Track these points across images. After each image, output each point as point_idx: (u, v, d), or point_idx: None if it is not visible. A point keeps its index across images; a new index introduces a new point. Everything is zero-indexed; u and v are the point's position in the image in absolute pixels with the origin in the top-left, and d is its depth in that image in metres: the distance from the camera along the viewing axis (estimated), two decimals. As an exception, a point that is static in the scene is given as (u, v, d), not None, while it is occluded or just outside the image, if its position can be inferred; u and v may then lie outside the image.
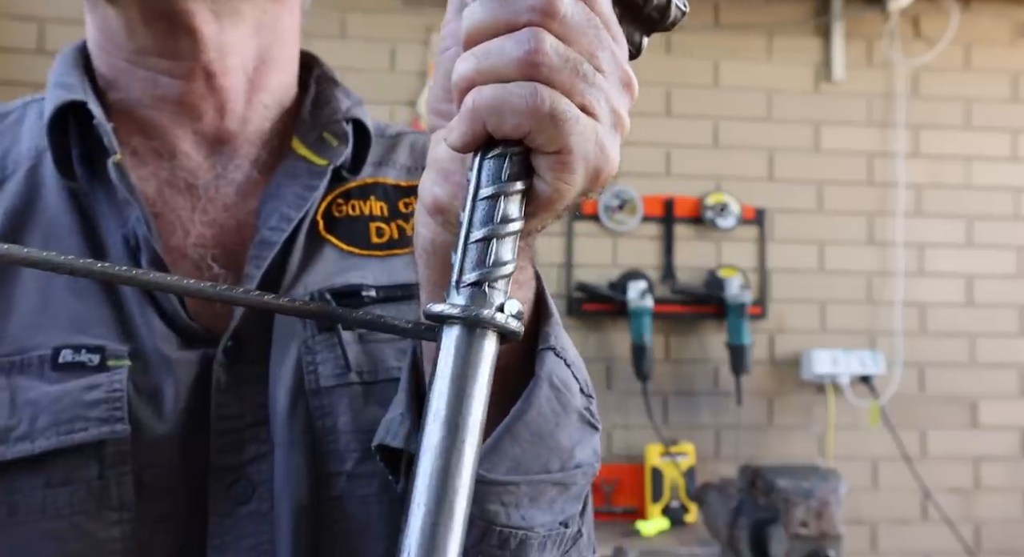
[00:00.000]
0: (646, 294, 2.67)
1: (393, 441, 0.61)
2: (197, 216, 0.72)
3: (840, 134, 2.89)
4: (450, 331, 0.43)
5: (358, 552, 0.66)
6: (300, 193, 0.73)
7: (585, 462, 0.61)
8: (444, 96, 0.51)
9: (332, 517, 0.66)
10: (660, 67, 2.84)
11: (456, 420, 0.41)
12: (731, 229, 2.81)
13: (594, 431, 0.63)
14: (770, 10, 2.88)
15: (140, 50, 0.71)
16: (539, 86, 0.44)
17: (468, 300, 0.43)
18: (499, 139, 0.45)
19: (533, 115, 0.44)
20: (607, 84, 0.46)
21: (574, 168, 0.46)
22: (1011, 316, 2.91)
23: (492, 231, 0.44)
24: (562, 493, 0.60)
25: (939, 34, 2.87)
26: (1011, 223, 2.93)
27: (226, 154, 0.74)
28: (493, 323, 0.43)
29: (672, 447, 2.66)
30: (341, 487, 0.67)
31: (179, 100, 0.72)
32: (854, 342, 2.82)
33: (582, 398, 0.62)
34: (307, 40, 0.78)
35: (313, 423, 0.67)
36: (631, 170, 2.81)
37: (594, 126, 0.46)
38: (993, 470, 2.86)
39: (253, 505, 0.66)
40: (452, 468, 0.40)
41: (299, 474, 0.66)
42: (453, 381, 0.42)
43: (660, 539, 2.49)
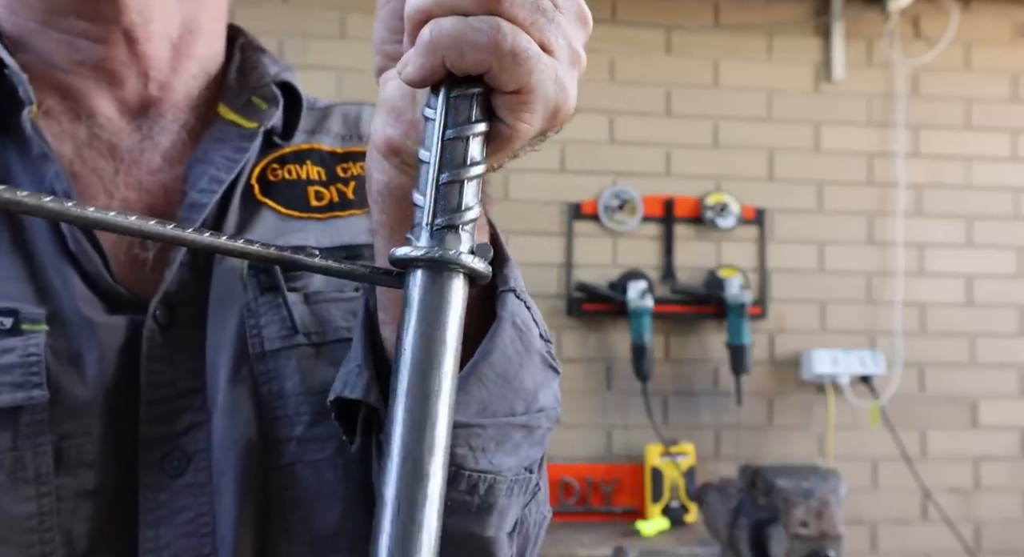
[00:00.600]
0: (646, 294, 2.67)
1: (352, 393, 0.59)
2: (120, 179, 0.68)
3: (840, 134, 2.89)
4: (417, 274, 0.42)
5: (312, 518, 0.64)
6: (230, 156, 0.70)
7: (548, 406, 0.61)
8: (391, 36, 0.50)
9: (282, 484, 0.64)
10: (660, 67, 2.84)
11: (430, 365, 0.40)
12: (731, 229, 2.81)
13: (555, 374, 0.63)
14: (770, 10, 2.88)
15: (55, 10, 0.67)
16: (501, 21, 0.43)
17: (436, 242, 0.42)
18: (458, 75, 0.44)
19: (494, 51, 0.43)
20: (564, 19, 0.45)
21: (534, 108, 0.45)
22: (1011, 316, 2.91)
23: (459, 173, 0.44)
24: (527, 437, 0.59)
25: (939, 34, 2.87)
26: (1011, 223, 2.93)
27: (151, 118, 0.71)
28: (463, 264, 0.42)
29: (672, 447, 2.66)
30: (291, 453, 0.64)
31: (98, 65, 0.68)
32: (854, 342, 2.82)
33: (542, 342, 0.62)
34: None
35: (258, 389, 0.64)
36: (631, 170, 2.81)
37: (554, 64, 0.45)
38: (993, 470, 2.86)
39: (189, 477, 0.63)
40: (429, 415, 0.39)
41: (242, 442, 0.63)
42: (425, 326, 0.41)
43: (660, 539, 2.49)
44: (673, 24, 2.85)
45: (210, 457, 0.63)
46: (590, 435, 2.74)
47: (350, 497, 0.64)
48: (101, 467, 0.62)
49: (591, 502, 2.68)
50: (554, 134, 0.49)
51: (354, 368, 0.60)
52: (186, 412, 0.64)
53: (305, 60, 2.65)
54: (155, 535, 0.62)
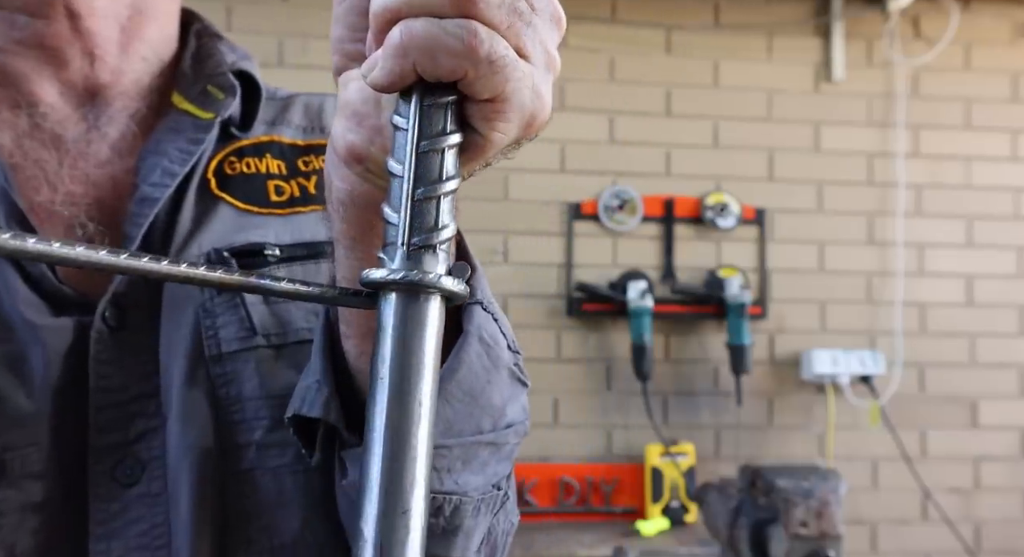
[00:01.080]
0: (646, 294, 2.67)
1: (310, 411, 0.56)
2: (65, 171, 0.64)
3: (840, 134, 2.89)
4: (392, 298, 0.40)
5: (272, 527, 0.61)
6: (184, 147, 0.66)
7: (516, 420, 0.59)
8: (351, 34, 0.46)
9: (241, 492, 0.61)
10: (660, 67, 2.84)
11: (409, 394, 0.38)
12: (731, 229, 2.81)
13: (523, 387, 0.61)
14: (770, 10, 2.88)
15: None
16: (477, 25, 0.40)
17: (413, 264, 0.40)
18: (429, 81, 0.41)
19: (470, 57, 0.40)
20: (540, 22, 0.43)
21: (510, 117, 0.42)
22: (1011, 316, 2.91)
23: (435, 189, 0.41)
24: (494, 453, 0.57)
25: (939, 34, 2.87)
26: (1011, 223, 2.93)
27: (99, 106, 0.67)
28: (442, 287, 0.40)
29: (672, 447, 2.66)
30: (250, 459, 0.61)
31: (40, 43, 0.64)
32: (854, 342, 2.82)
33: (510, 354, 0.59)
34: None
35: (215, 392, 0.61)
36: (631, 170, 2.81)
37: (531, 70, 0.42)
38: (993, 470, 2.86)
39: (143, 486, 0.60)
40: (409, 446, 0.38)
41: (198, 448, 0.60)
42: (402, 352, 0.39)
43: (660, 539, 2.49)
44: (673, 24, 2.85)
45: (165, 465, 0.60)
46: (590, 435, 2.74)
47: (310, 505, 0.62)
48: (48, 478, 0.58)
49: (591, 502, 2.68)
50: (527, 142, 0.47)
51: (313, 383, 0.57)
52: (139, 417, 0.61)
53: (305, 60, 2.65)
54: (106, 548, 0.59)
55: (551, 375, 2.74)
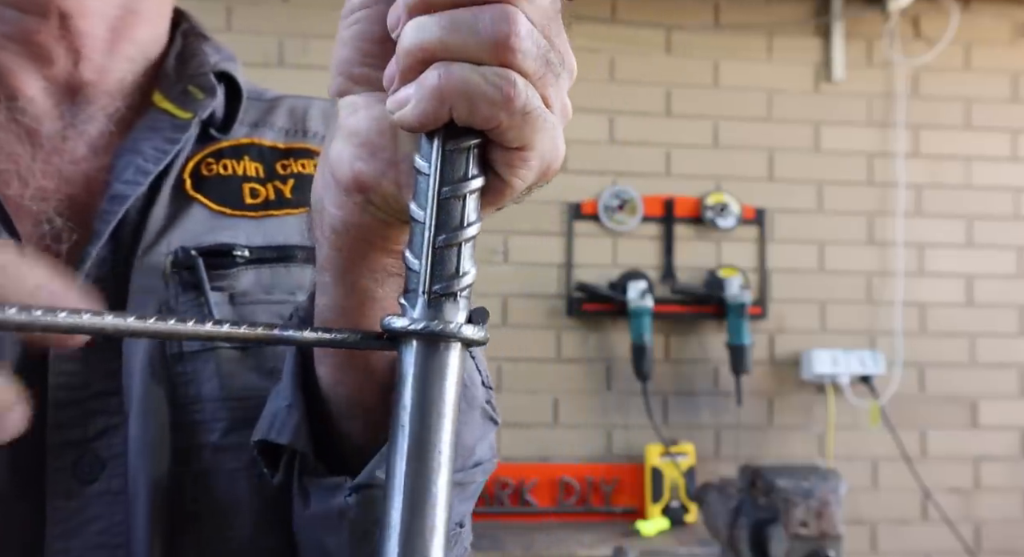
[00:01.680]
0: (646, 294, 2.67)
1: (279, 437, 0.55)
2: (38, 166, 0.64)
3: (840, 134, 2.89)
4: (413, 346, 0.40)
5: (224, 530, 0.61)
6: (160, 146, 0.66)
7: (484, 459, 0.59)
8: (360, 58, 0.45)
9: (196, 493, 0.61)
10: (660, 67, 2.84)
11: (429, 443, 0.39)
12: (731, 229, 2.81)
13: (493, 425, 0.60)
14: (770, 10, 2.88)
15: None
16: (516, 76, 0.40)
17: (434, 312, 0.40)
18: (460, 124, 0.40)
19: (506, 108, 0.40)
20: (564, 74, 0.43)
21: (532, 165, 0.43)
22: (1011, 316, 2.91)
23: (456, 236, 0.41)
24: (460, 493, 0.57)
25: (939, 34, 2.87)
26: (1011, 223, 2.93)
27: (79, 104, 0.67)
28: (462, 336, 0.40)
29: (672, 447, 2.66)
30: (206, 460, 0.61)
31: (26, 39, 0.64)
32: (854, 342, 2.82)
33: (484, 391, 0.59)
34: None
35: (175, 391, 0.61)
36: (631, 170, 2.81)
37: (554, 121, 0.43)
38: (993, 470, 2.86)
39: (103, 484, 0.59)
40: (430, 496, 0.38)
41: (157, 447, 0.60)
42: (423, 401, 0.39)
43: (660, 539, 2.49)
44: (673, 24, 2.85)
45: (126, 463, 0.60)
46: (590, 435, 2.74)
47: (264, 510, 0.61)
48: (4, 476, 0.58)
49: (591, 502, 2.68)
50: (538, 188, 0.47)
51: (283, 409, 0.56)
52: (100, 414, 0.60)
53: (305, 60, 2.65)
54: (65, 547, 0.58)
55: (551, 375, 2.74)
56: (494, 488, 2.65)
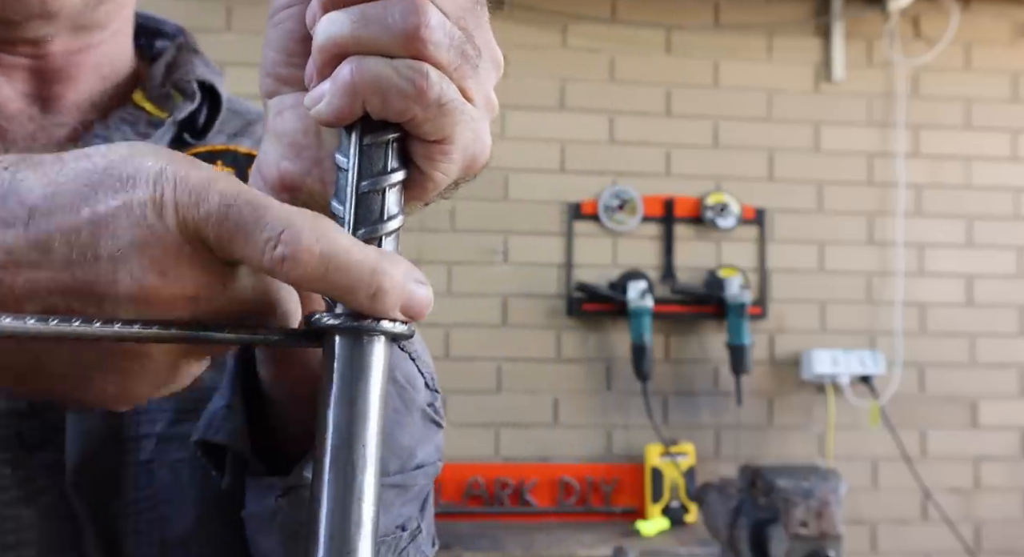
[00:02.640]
0: (646, 294, 2.67)
1: (216, 436, 0.55)
2: None
3: (840, 134, 2.89)
4: (339, 341, 0.39)
5: (164, 520, 0.61)
6: (129, 137, 0.67)
7: (427, 461, 0.59)
8: (285, 58, 0.45)
9: (137, 482, 0.61)
10: (660, 67, 2.84)
11: (353, 438, 0.38)
12: (731, 229, 2.81)
13: (437, 428, 0.60)
14: (770, 10, 2.88)
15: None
16: (429, 68, 0.40)
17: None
18: (376, 118, 0.41)
19: (420, 100, 0.40)
20: (483, 65, 0.43)
21: (453, 158, 0.43)
22: (1011, 316, 2.91)
23: (377, 230, 0.41)
24: (401, 495, 0.57)
25: (939, 34, 2.87)
26: (1011, 223, 2.93)
27: (49, 112, 0.68)
28: (385, 330, 0.39)
29: (672, 447, 2.66)
30: (150, 450, 0.61)
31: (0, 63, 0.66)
32: (854, 342, 2.82)
33: (427, 393, 0.59)
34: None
35: None
36: (631, 170, 2.81)
37: (474, 113, 0.42)
38: (993, 470, 2.86)
39: (49, 454, 0.60)
40: (355, 490, 0.38)
41: (95, 433, 0.60)
42: (347, 396, 0.39)
43: (660, 539, 2.49)
44: (673, 24, 2.85)
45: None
46: (590, 435, 2.74)
47: (206, 502, 0.62)
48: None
49: (591, 502, 2.68)
50: (465, 183, 0.47)
51: (221, 409, 0.56)
52: None
53: (305, 60, 2.65)
54: (15, 515, 0.59)
55: (551, 375, 2.74)
56: (494, 488, 2.65)
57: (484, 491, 2.64)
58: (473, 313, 2.72)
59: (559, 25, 2.80)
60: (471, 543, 2.37)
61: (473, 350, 2.71)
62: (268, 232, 0.36)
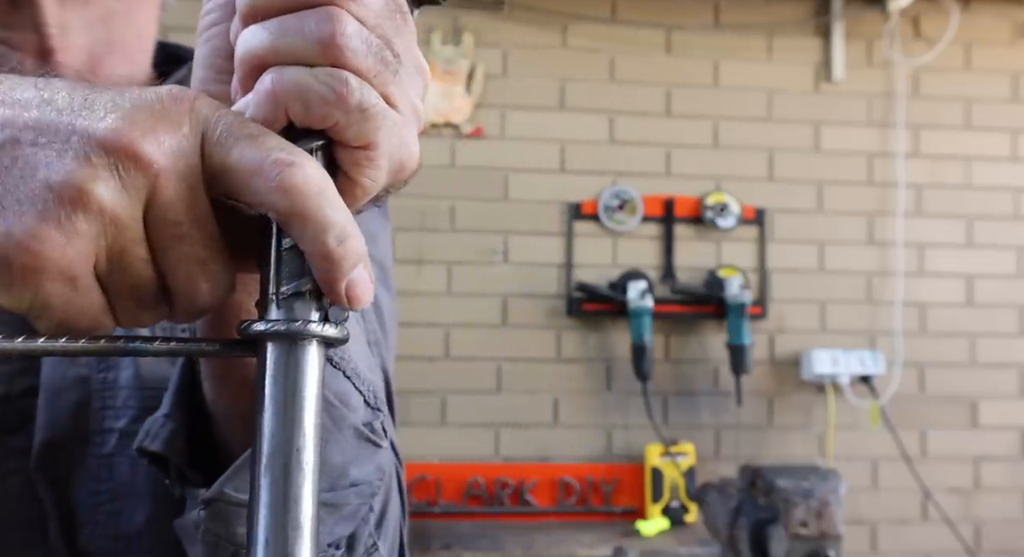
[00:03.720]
0: (646, 294, 2.67)
1: (152, 444, 0.56)
2: None
3: (840, 134, 2.89)
4: (271, 347, 0.40)
5: (120, 514, 0.63)
6: None
7: (362, 480, 0.58)
8: (215, 76, 0.46)
9: (98, 475, 0.63)
10: (660, 67, 2.84)
11: (289, 445, 0.38)
12: (731, 229, 2.81)
13: (375, 448, 0.59)
14: (770, 10, 2.88)
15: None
16: (348, 74, 0.40)
17: (287, 313, 0.40)
18: (299, 127, 0.41)
19: (341, 106, 0.40)
20: (405, 72, 0.44)
21: (380, 164, 0.43)
22: (1011, 316, 2.91)
23: None
24: (332, 513, 0.56)
25: (939, 34, 2.87)
26: (1011, 223, 2.93)
27: None
28: (318, 334, 0.40)
29: (672, 447, 2.66)
30: (112, 445, 0.63)
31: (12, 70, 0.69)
32: (854, 342, 2.82)
33: (366, 412, 0.59)
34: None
35: (93, 375, 0.63)
36: (631, 170, 2.81)
37: (399, 119, 0.43)
38: (993, 470, 2.86)
39: (22, 439, 0.62)
40: (291, 497, 0.38)
41: (60, 425, 0.62)
42: (280, 403, 0.39)
43: (660, 539, 2.49)
44: (673, 24, 2.85)
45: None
46: (590, 435, 2.74)
47: (161, 501, 0.62)
48: None
49: (591, 502, 2.68)
50: (396, 191, 0.47)
51: (160, 418, 0.57)
52: (24, 376, 0.63)
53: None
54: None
55: (551, 375, 2.74)
56: (494, 488, 2.65)
57: (484, 491, 2.64)
58: (473, 313, 2.72)
59: (559, 25, 2.80)
60: (471, 543, 2.37)
61: (473, 350, 2.71)
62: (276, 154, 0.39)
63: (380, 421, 0.60)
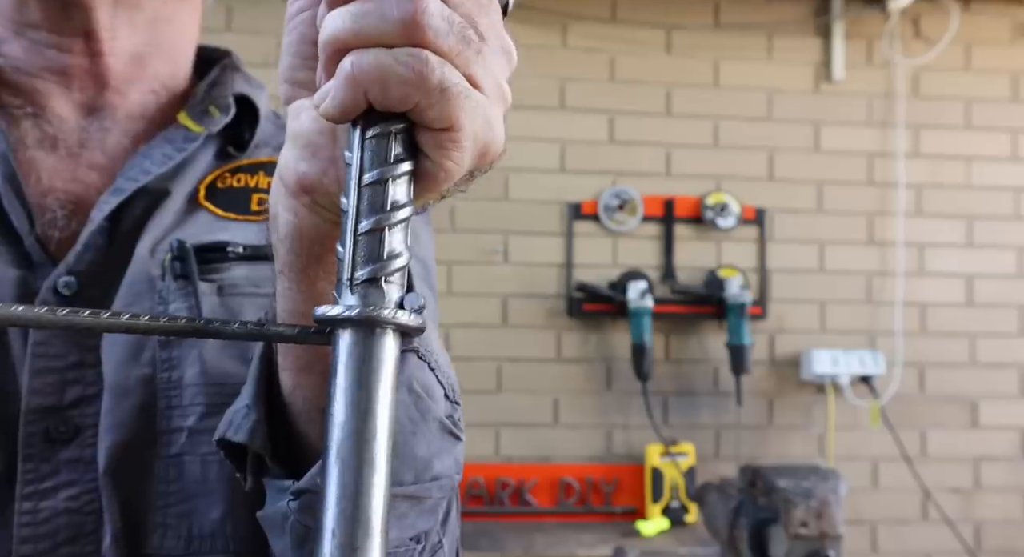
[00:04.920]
0: (646, 294, 2.67)
1: (235, 436, 0.56)
2: (57, 167, 0.70)
3: (840, 134, 2.89)
4: (342, 335, 0.39)
5: (192, 514, 0.62)
6: (168, 153, 0.71)
7: (444, 474, 0.57)
8: (301, 62, 0.46)
9: (167, 475, 0.62)
10: (660, 67, 2.84)
11: (361, 434, 0.37)
12: (731, 229, 2.81)
13: (455, 441, 0.59)
14: (770, 10, 2.88)
15: (28, 23, 0.70)
16: (428, 54, 0.39)
17: (362, 299, 0.39)
18: (381, 110, 0.40)
19: (421, 86, 0.39)
20: (489, 52, 0.42)
21: (464, 146, 0.41)
22: (1011, 316, 2.91)
23: (381, 220, 0.40)
24: (414, 506, 0.56)
25: (939, 34, 2.87)
26: (1011, 223, 2.93)
27: (101, 121, 0.73)
28: (393, 322, 0.38)
29: (672, 447, 2.66)
30: (181, 444, 0.62)
31: (61, 71, 0.71)
32: (854, 342, 2.82)
33: (447, 405, 0.58)
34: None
35: (157, 375, 0.63)
36: (631, 170, 2.81)
37: (483, 100, 0.42)
38: (993, 470, 2.86)
39: (74, 450, 0.62)
40: (362, 490, 0.37)
41: (130, 425, 0.62)
42: (354, 391, 0.38)
43: (660, 539, 2.49)
44: (673, 24, 2.85)
45: (98, 434, 0.62)
46: (590, 435, 2.74)
47: (234, 498, 0.62)
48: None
49: (591, 502, 2.68)
50: (481, 174, 0.46)
51: (242, 408, 0.56)
52: (76, 384, 0.63)
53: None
54: (33, 508, 0.60)
55: (551, 375, 2.74)
56: (494, 488, 2.65)
57: (484, 491, 2.64)
58: (473, 313, 2.72)
59: (559, 25, 2.80)
60: (471, 543, 2.37)
61: (473, 350, 2.71)
62: None
63: (458, 414, 0.59)
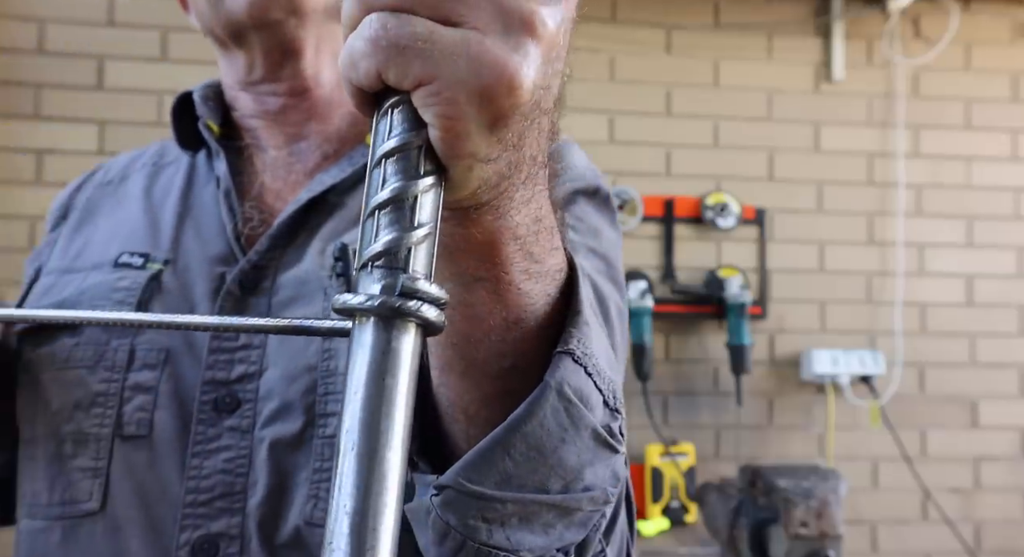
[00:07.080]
0: (646, 294, 2.67)
1: None
2: (263, 185, 0.86)
3: (840, 134, 2.89)
4: (363, 325, 0.37)
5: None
6: (343, 168, 0.84)
7: (596, 485, 0.53)
8: None
9: (324, 454, 0.71)
10: (660, 67, 2.84)
11: (373, 434, 0.35)
12: (731, 229, 2.81)
13: (613, 452, 0.54)
14: (770, 10, 2.88)
15: (253, 81, 0.87)
16: (375, 15, 0.37)
17: (382, 287, 0.37)
18: (374, 93, 0.39)
19: (376, 51, 0.36)
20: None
21: (447, 97, 0.37)
22: (1011, 316, 2.91)
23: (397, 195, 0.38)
24: (562, 517, 0.52)
25: (939, 34, 2.87)
26: (1011, 223, 2.93)
27: (303, 143, 0.88)
28: (413, 313, 0.37)
29: (672, 447, 2.66)
30: (334, 427, 0.69)
31: (277, 111, 0.88)
32: (854, 342, 2.82)
33: (604, 413, 0.54)
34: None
35: (319, 364, 0.73)
36: (631, 170, 2.81)
37: (463, 37, 0.36)
38: (993, 470, 2.86)
39: (235, 420, 0.73)
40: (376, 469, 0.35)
41: (287, 406, 0.72)
42: (369, 387, 0.36)
43: (660, 539, 2.49)
44: (673, 24, 2.85)
45: (255, 407, 0.73)
46: (590, 435, 2.74)
47: None
48: (168, 405, 0.75)
49: (591, 502, 2.68)
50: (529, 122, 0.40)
51: None
52: (241, 363, 0.75)
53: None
54: (199, 465, 0.72)
55: (551, 375, 2.74)
56: (494, 488, 2.64)
57: (484, 491, 2.64)
58: (473, 313, 2.71)
59: (559, 25, 2.80)
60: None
61: (473, 350, 2.70)
62: None
63: (619, 424, 0.55)
